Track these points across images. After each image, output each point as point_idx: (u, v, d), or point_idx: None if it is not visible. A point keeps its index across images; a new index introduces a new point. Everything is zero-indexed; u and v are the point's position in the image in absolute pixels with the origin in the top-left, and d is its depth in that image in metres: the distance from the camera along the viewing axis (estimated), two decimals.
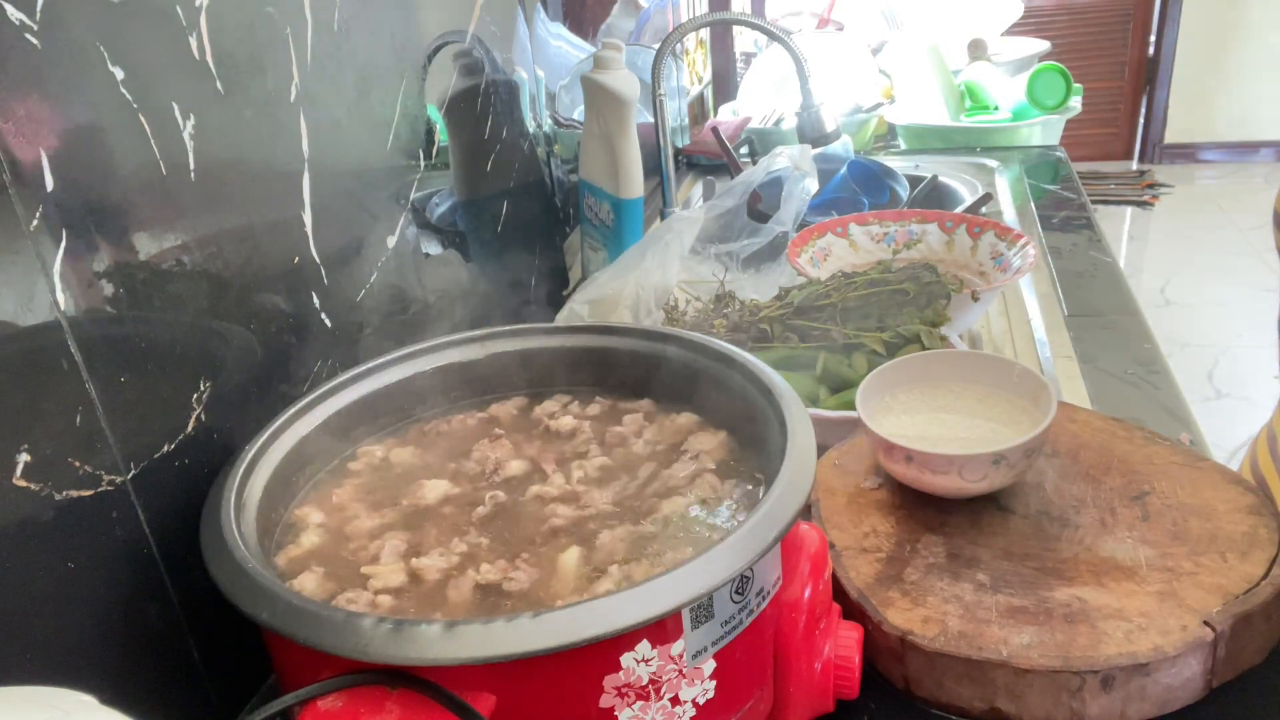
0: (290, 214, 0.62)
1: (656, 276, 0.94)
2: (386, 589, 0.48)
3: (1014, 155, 1.64)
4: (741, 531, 0.42)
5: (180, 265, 0.52)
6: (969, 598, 0.55)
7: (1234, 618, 0.51)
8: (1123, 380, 0.92)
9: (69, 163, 0.44)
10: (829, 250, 1.08)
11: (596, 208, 1.08)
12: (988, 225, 1.05)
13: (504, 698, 0.39)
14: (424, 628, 0.37)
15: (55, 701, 0.33)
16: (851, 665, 0.51)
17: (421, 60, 0.79)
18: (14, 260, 0.42)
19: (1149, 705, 0.51)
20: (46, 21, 0.43)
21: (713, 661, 0.43)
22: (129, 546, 0.49)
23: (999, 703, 0.52)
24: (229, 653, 0.56)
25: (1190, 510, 0.60)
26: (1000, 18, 2.15)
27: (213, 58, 0.53)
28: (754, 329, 0.85)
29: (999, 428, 0.65)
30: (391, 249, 0.74)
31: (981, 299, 0.87)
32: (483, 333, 0.66)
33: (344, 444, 0.60)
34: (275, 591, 0.41)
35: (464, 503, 0.56)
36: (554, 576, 0.49)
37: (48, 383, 0.43)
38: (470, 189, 0.89)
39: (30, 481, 0.43)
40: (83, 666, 0.46)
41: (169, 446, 0.51)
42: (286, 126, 0.60)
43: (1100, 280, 1.16)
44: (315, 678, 0.39)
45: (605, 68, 1.01)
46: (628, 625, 0.38)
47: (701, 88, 2.02)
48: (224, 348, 0.56)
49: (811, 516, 0.64)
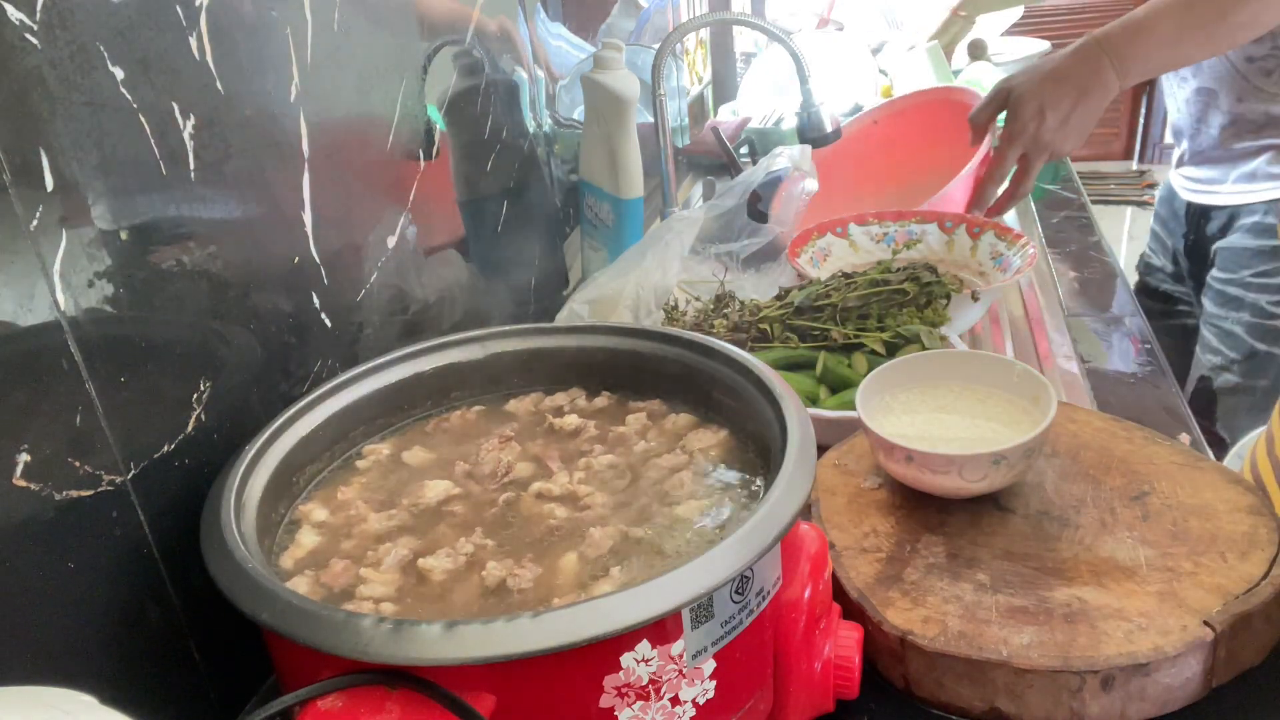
0: (290, 214, 0.62)
1: (656, 276, 0.94)
2: (372, 597, 0.48)
3: None
4: (741, 531, 0.42)
5: (180, 265, 0.52)
6: (969, 598, 0.55)
7: (1234, 618, 0.51)
8: (1123, 380, 0.92)
9: (69, 163, 0.44)
10: (829, 250, 1.08)
11: (596, 208, 1.08)
12: (988, 225, 1.05)
13: (504, 698, 0.39)
14: (424, 628, 0.37)
15: (55, 701, 0.33)
16: (851, 665, 0.51)
17: (421, 60, 0.79)
18: (14, 260, 0.42)
19: (1149, 705, 0.51)
20: (46, 21, 0.43)
21: (713, 661, 0.43)
22: (129, 546, 0.49)
23: (999, 703, 0.52)
24: (229, 653, 0.56)
25: (1190, 510, 0.60)
26: (1000, 18, 2.15)
27: (213, 58, 0.53)
28: (754, 329, 0.85)
29: (999, 428, 0.65)
30: (391, 249, 0.74)
31: (981, 299, 0.87)
32: (483, 333, 0.66)
33: (344, 444, 0.60)
34: (275, 591, 0.41)
35: (468, 503, 0.56)
36: (555, 576, 0.49)
37: (48, 383, 0.43)
38: (470, 189, 0.89)
39: (30, 481, 0.43)
40: (83, 666, 0.46)
41: (169, 446, 0.51)
42: (286, 126, 0.60)
43: (1100, 280, 1.16)
44: (315, 678, 0.39)
45: (605, 68, 1.01)
46: (628, 625, 0.38)
47: (701, 88, 2.02)
48: (224, 348, 0.56)
49: (811, 516, 0.64)
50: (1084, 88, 1.02)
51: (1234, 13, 0.97)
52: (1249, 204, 1.21)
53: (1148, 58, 1.01)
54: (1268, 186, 1.19)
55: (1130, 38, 1.00)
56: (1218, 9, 0.97)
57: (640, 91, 1.03)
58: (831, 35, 2.06)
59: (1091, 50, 1.02)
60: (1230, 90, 1.18)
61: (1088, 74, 1.02)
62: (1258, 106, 1.16)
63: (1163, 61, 1.05)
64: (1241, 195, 1.22)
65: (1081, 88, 1.02)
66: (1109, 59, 1.01)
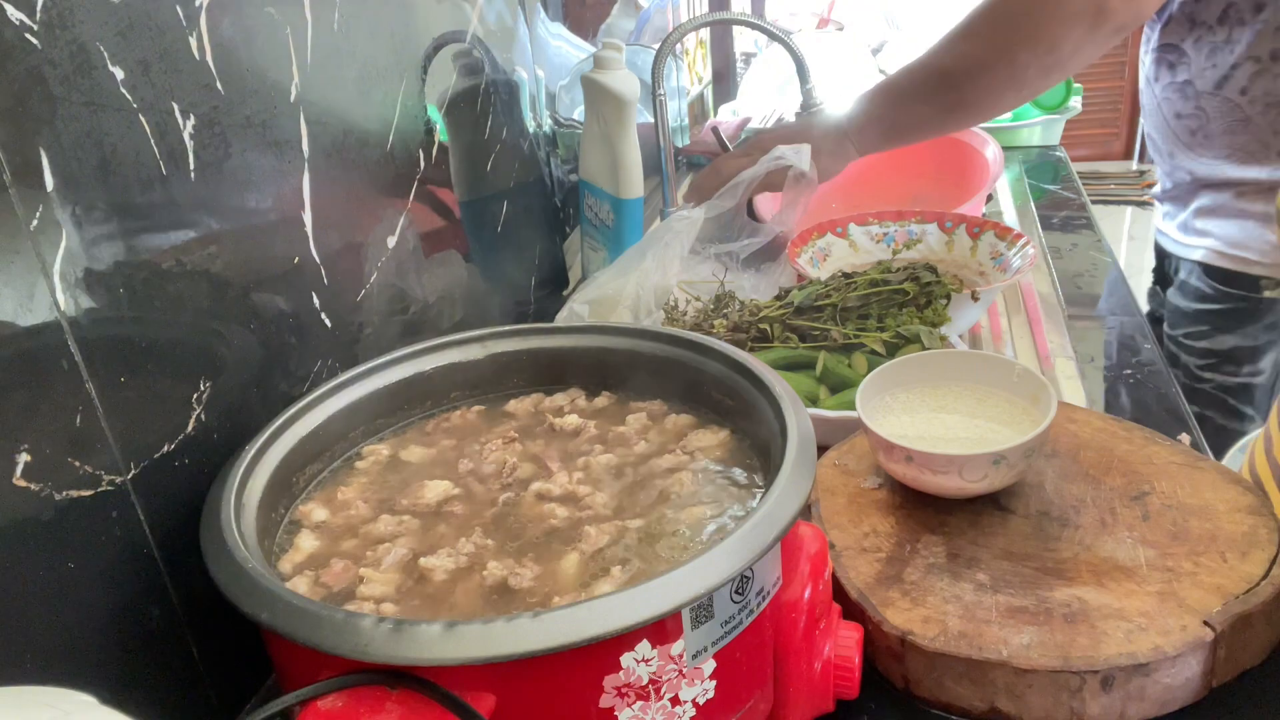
0: (290, 214, 0.62)
1: (656, 276, 0.94)
2: (372, 597, 0.48)
3: (1014, 155, 1.64)
4: (741, 531, 0.42)
5: (180, 265, 0.52)
6: (969, 598, 0.55)
7: (1234, 618, 0.51)
8: (1123, 380, 0.92)
9: (69, 163, 0.44)
10: (829, 250, 1.08)
11: (596, 208, 1.08)
12: (988, 225, 1.05)
13: (504, 698, 0.39)
14: (424, 627, 0.38)
15: (55, 701, 0.33)
16: (851, 665, 0.51)
17: (421, 60, 0.79)
18: (14, 260, 0.42)
19: (1149, 705, 0.51)
20: (46, 21, 0.43)
21: (713, 661, 0.43)
22: (129, 546, 0.49)
23: (999, 703, 0.52)
24: (229, 653, 0.56)
25: (1190, 510, 0.60)
26: None
27: (213, 58, 0.53)
28: (754, 329, 0.85)
29: (999, 428, 0.65)
30: (391, 249, 0.74)
31: (981, 299, 0.87)
32: (483, 333, 0.66)
33: (344, 444, 0.60)
34: (275, 591, 0.41)
35: (468, 502, 0.56)
36: (555, 576, 0.49)
37: (48, 383, 0.43)
38: (470, 189, 0.89)
39: (30, 481, 0.43)
40: (83, 666, 0.46)
41: (169, 446, 0.51)
42: (286, 126, 0.60)
43: (1100, 280, 1.16)
44: (315, 678, 0.39)
45: (605, 68, 1.01)
46: (628, 625, 0.38)
47: (701, 88, 2.01)
48: (224, 348, 0.56)
49: (811, 516, 0.64)
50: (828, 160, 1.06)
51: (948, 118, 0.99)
52: (1183, 257, 1.18)
53: (879, 143, 1.05)
54: (1196, 242, 1.15)
55: (863, 123, 1.04)
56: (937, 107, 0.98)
57: (640, 91, 1.03)
58: (831, 35, 2.06)
59: (837, 129, 1.06)
60: (1165, 142, 1.16)
61: (832, 147, 1.06)
62: (1184, 164, 1.14)
63: (894, 142, 1.08)
64: (1176, 245, 1.20)
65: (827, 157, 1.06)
66: (850, 140, 1.05)
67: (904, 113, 1.02)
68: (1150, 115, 1.18)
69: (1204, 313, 1.15)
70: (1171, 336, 1.20)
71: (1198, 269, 1.16)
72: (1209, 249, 1.14)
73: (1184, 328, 1.18)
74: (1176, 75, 1.10)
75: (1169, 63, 1.10)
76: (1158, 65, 1.12)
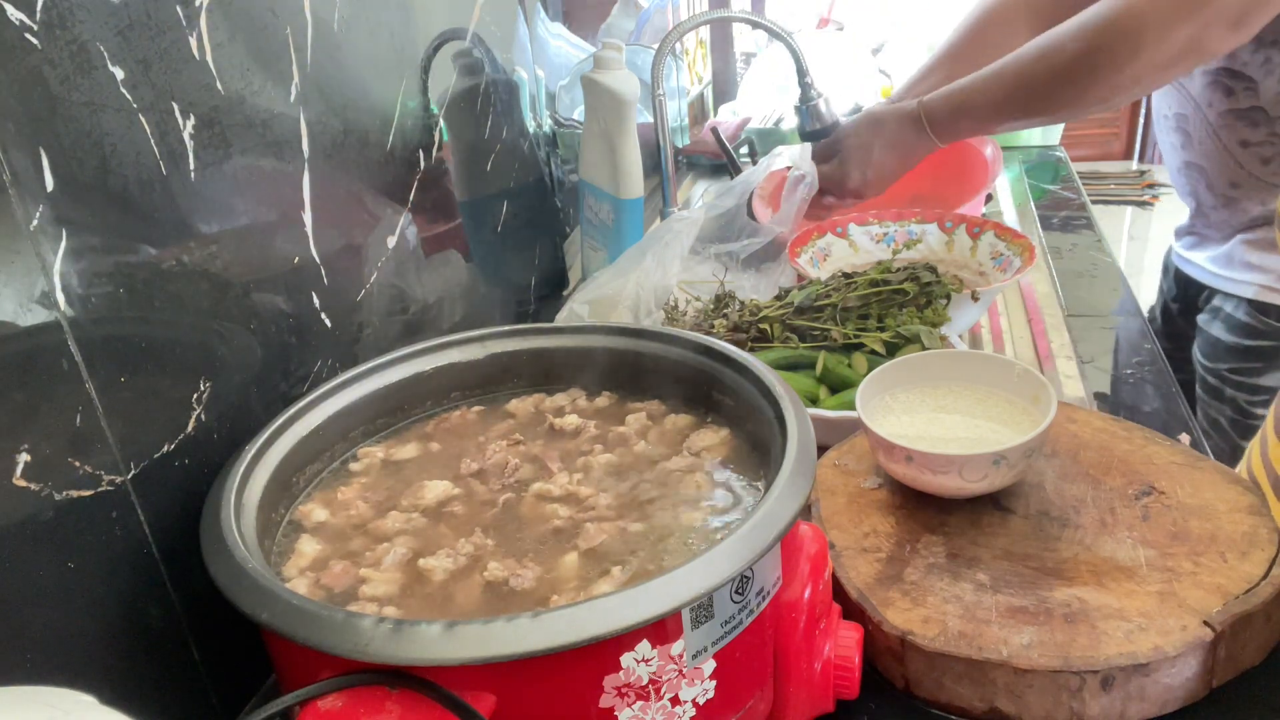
0: (290, 214, 0.62)
1: (656, 276, 0.94)
2: (372, 597, 0.48)
3: (1014, 155, 1.64)
4: (741, 531, 0.42)
5: (180, 265, 0.52)
6: (969, 598, 0.55)
7: (1234, 618, 0.51)
8: (1122, 380, 0.92)
9: (69, 163, 0.44)
10: (829, 250, 1.08)
11: (596, 208, 1.08)
12: (987, 225, 1.05)
13: (504, 698, 0.39)
14: (424, 628, 0.37)
15: (55, 701, 0.34)
16: (851, 665, 0.51)
17: (421, 60, 0.79)
18: (14, 260, 0.42)
19: (1149, 705, 0.51)
20: (46, 21, 0.43)
21: (713, 661, 0.43)
22: (129, 546, 0.49)
23: (999, 703, 0.52)
24: (229, 653, 0.56)
25: (1190, 510, 0.60)
26: None
27: (213, 58, 0.53)
28: (754, 329, 0.85)
29: (999, 428, 0.65)
30: (391, 249, 0.74)
31: (981, 299, 0.87)
32: (483, 333, 0.66)
33: (344, 444, 0.60)
34: (275, 591, 0.41)
35: (468, 503, 0.56)
36: (556, 576, 0.49)
37: (48, 383, 0.44)
38: (470, 189, 0.89)
39: (30, 481, 0.43)
40: (83, 666, 0.46)
41: (169, 446, 0.51)
42: (286, 126, 0.60)
43: (1100, 280, 1.16)
44: (315, 678, 0.39)
45: (605, 68, 1.01)
46: (628, 625, 0.38)
47: (701, 88, 2.02)
48: (224, 348, 0.56)
49: (811, 516, 0.64)
50: (904, 152, 1.07)
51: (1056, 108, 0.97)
52: (1227, 292, 1.13)
53: (962, 132, 1.05)
54: (1245, 277, 1.10)
55: (949, 113, 1.02)
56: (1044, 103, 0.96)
57: (640, 91, 1.03)
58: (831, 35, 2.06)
59: (914, 116, 1.04)
60: (1222, 173, 1.09)
61: (909, 138, 1.05)
62: (1254, 194, 1.07)
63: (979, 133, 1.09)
64: (1214, 278, 1.15)
65: (903, 151, 1.07)
66: (929, 128, 1.04)
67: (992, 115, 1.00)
68: (1200, 143, 1.10)
69: (1255, 349, 1.11)
70: (1212, 369, 1.16)
71: (1245, 304, 1.11)
72: (1262, 285, 1.08)
73: (1229, 362, 1.14)
74: (1239, 101, 1.02)
75: (1225, 88, 1.03)
76: (1212, 90, 1.05)
